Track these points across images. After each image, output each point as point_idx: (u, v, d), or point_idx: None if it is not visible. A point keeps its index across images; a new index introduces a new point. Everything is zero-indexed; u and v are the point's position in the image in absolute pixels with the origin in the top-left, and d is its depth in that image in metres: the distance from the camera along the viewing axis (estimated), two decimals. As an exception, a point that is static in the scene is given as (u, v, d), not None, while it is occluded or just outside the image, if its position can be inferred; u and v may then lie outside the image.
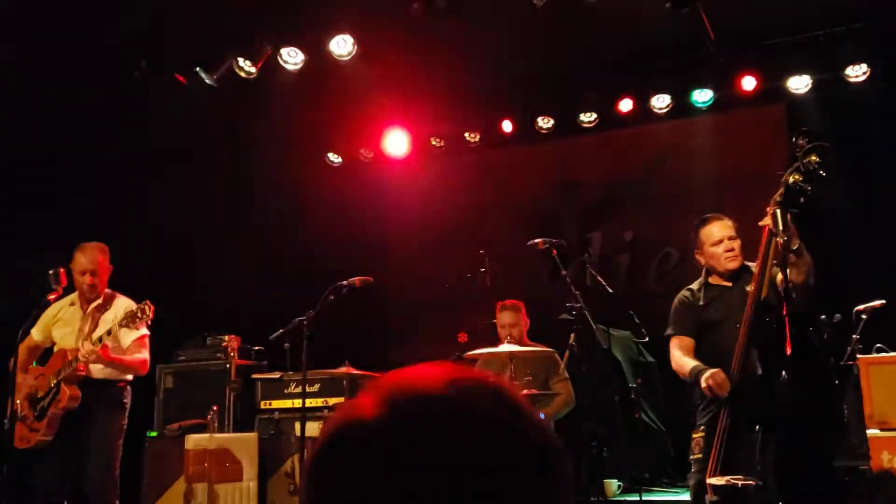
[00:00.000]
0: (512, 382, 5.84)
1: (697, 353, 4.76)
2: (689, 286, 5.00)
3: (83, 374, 5.36)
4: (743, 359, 4.27)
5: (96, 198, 7.67)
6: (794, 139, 4.35)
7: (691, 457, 4.57)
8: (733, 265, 4.79)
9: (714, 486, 4.08)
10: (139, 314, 5.19)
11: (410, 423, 0.91)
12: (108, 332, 5.25)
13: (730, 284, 4.82)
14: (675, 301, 5.00)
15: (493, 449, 0.90)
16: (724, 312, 4.74)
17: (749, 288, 4.62)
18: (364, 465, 0.90)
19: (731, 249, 4.79)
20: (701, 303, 4.85)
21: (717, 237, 4.81)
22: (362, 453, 0.90)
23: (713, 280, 4.89)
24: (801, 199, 4.20)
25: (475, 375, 0.98)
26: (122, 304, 5.60)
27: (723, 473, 4.13)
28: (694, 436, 4.58)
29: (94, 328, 5.49)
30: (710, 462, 4.22)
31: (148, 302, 5.30)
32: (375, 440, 0.90)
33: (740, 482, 3.98)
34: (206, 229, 8.54)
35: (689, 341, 4.82)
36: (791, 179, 4.23)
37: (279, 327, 6.56)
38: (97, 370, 5.47)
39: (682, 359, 4.73)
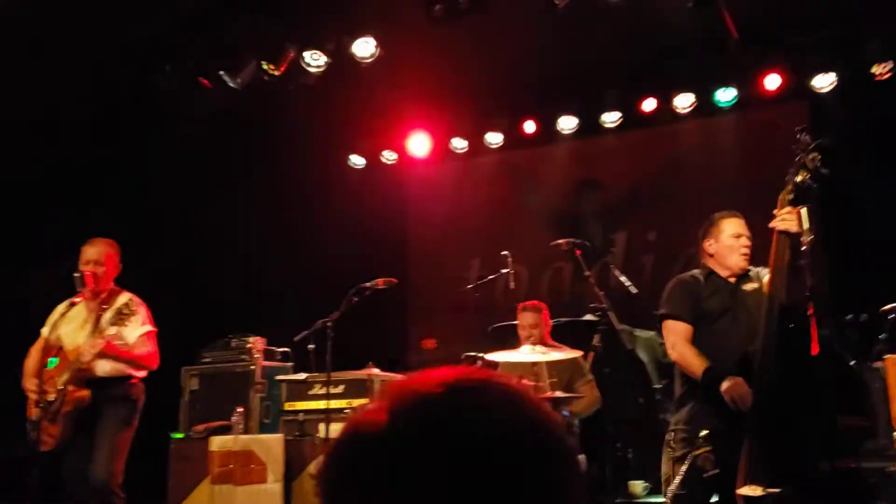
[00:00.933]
0: (527, 384, 5.83)
1: (696, 344, 4.66)
2: (691, 272, 4.88)
3: (87, 373, 5.30)
4: (765, 366, 4.16)
5: (120, 201, 7.72)
6: (797, 136, 4.32)
7: (703, 475, 4.33)
8: (745, 264, 4.73)
9: (748, 498, 3.96)
10: (124, 310, 5.13)
11: (409, 429, 0.92)
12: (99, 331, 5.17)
13: (733, 281, 4.78)
14: (675, 281, 4.86)
15: (490, 448, 0.91)
16: (727, 305, 4.68)
17: (747, 287, 4.60)
18: (370, 473, 0.92)
19: (748, 247, 4.76)
20: (704, 291, 4.77)
21: (738, 231, 4.75)
22: (368, 462, 0.93)
23: (717, 270, 4.83)
24: (807, 196, 4.18)
25: (478, 376, 0.98)
26: (124, 301, 5.45)
27: (751, 483, 4.02)
28: (697, 453, 4.30)
29: (97, 325, 5.40)
30: (741, 472, 4.09)
31: (132, 298, 5.28)
32: (379, 448, 0.93)
33: (775, 492, 3.89)
34: (229, 231, 8.58)
35: (687, 328, 4.66)
36: (799, 178, 4.20)
37: (303, 329, 6.58)
38: (101, 368, 5.39)
39: (689, 355, 4.59)
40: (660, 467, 4.74)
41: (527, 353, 5.86)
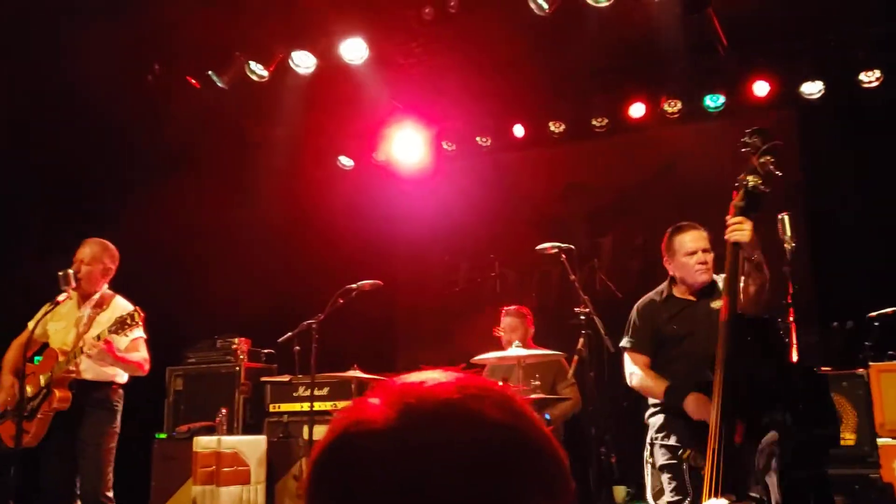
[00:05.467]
0: (517, 388, 5.83)
1: (654, 367, 4.65)
2: (651, 296, 4.84)
3: (72, 375, 5.27)
4: (724, 378, 3.91)
5: (107, 199, 7.69)
6: (746, 138, 4.24)
7: (700, 471, 4.33)
8: (704, 278, 4.61)
9: None
10: (128, 320, 5.06)
11: (423, 428, 0.93)
12: (98, 337, 5.13)
13: (694, 300, 4.66)
14: (635, 313, 4.83)
15: (501, 451, 0.93)
16: (688, 328, 4.58)
17: (715, 305, 4.39)
18: (376, 468, 0.91)
19: (704, 262, 4.60)
20: (663, 316, 4.72)
21: (691, 248, 4.62)
22: (373, 457, 0.92)
23: (678, 293, 4.73)
24: (760, 202, 4.06)
25: (481, 382, 1.00)
26: (119, 307, 5.46)
27: (721, 494, 3.97)
28: (684, 456, 4.31)
29: (89, 327, 5.38)
30: (708, 483, 4.03)
31: (137, 308, 5.20)
32: (386, 444, 0.92)
33: (742, 502, 3.85)
34: (216, 232, 8.55)
35: (645, 359, 4.69)
36: (751, 183, 4.07)
37: (288, 330, 6.57)
38: (87, 371, 5.35)
39: (647, 379, 4.57)
40: (643, 474, 4.72)
41: (512, 352, 5.86)
